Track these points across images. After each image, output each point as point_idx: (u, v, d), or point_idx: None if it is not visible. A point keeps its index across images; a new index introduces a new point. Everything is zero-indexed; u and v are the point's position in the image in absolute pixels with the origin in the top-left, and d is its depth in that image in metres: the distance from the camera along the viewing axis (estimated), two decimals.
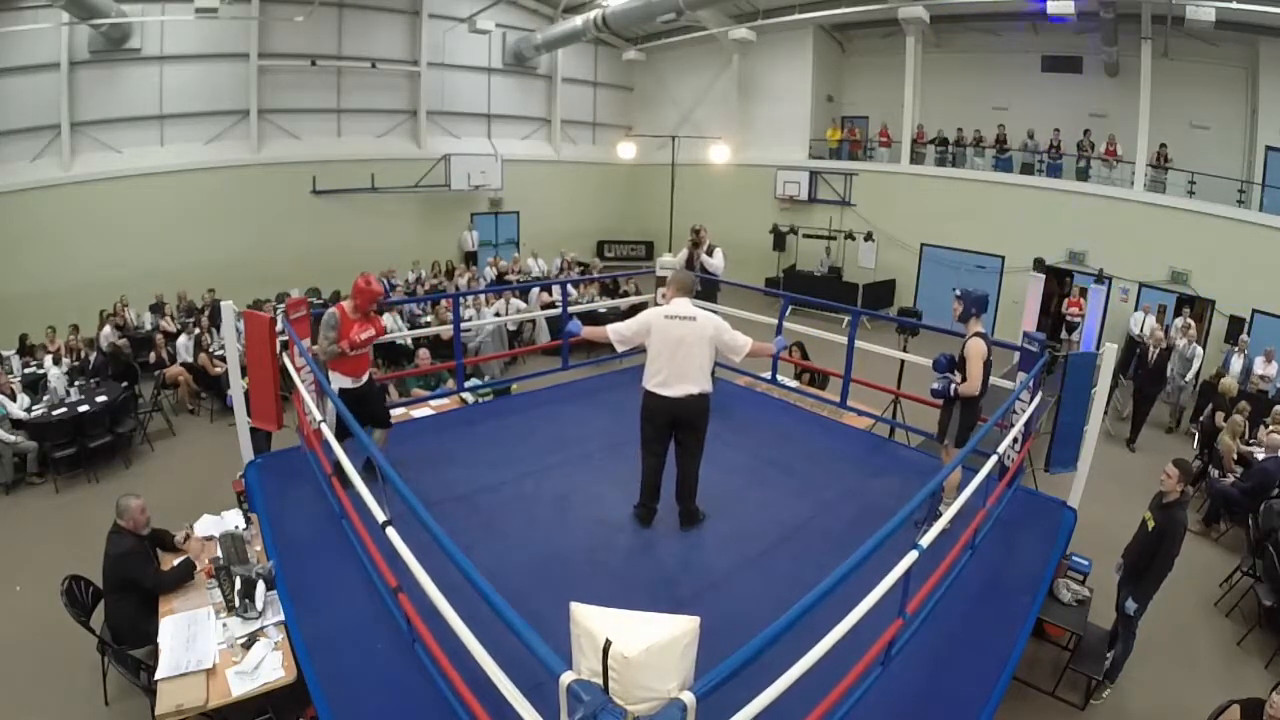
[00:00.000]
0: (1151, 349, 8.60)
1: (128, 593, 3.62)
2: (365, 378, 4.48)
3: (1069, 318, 11.75)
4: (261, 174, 12.37)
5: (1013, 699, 3.84)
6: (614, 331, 3.93)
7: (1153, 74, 10.87)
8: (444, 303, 10.00)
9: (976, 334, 4.12)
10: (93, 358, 8.64)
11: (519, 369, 9.73)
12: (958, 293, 4.29)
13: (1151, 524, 4.03)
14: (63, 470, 6.74)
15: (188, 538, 4.05)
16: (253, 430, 4.72)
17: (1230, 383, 8.07)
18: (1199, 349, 8.97)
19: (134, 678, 3.45)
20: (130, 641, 3.56)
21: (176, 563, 3.71)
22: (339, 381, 4.35)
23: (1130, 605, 4.03)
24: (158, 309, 10.67)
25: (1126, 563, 4.20)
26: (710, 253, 6.92)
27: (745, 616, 2.46)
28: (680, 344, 3.77)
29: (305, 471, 4.37)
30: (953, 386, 4.19)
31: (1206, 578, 5.51)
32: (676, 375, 3.79)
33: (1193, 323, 10.02)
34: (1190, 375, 8.85)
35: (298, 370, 4.50)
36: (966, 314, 4.21)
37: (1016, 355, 5.16)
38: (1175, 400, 8.93)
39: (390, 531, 2.74)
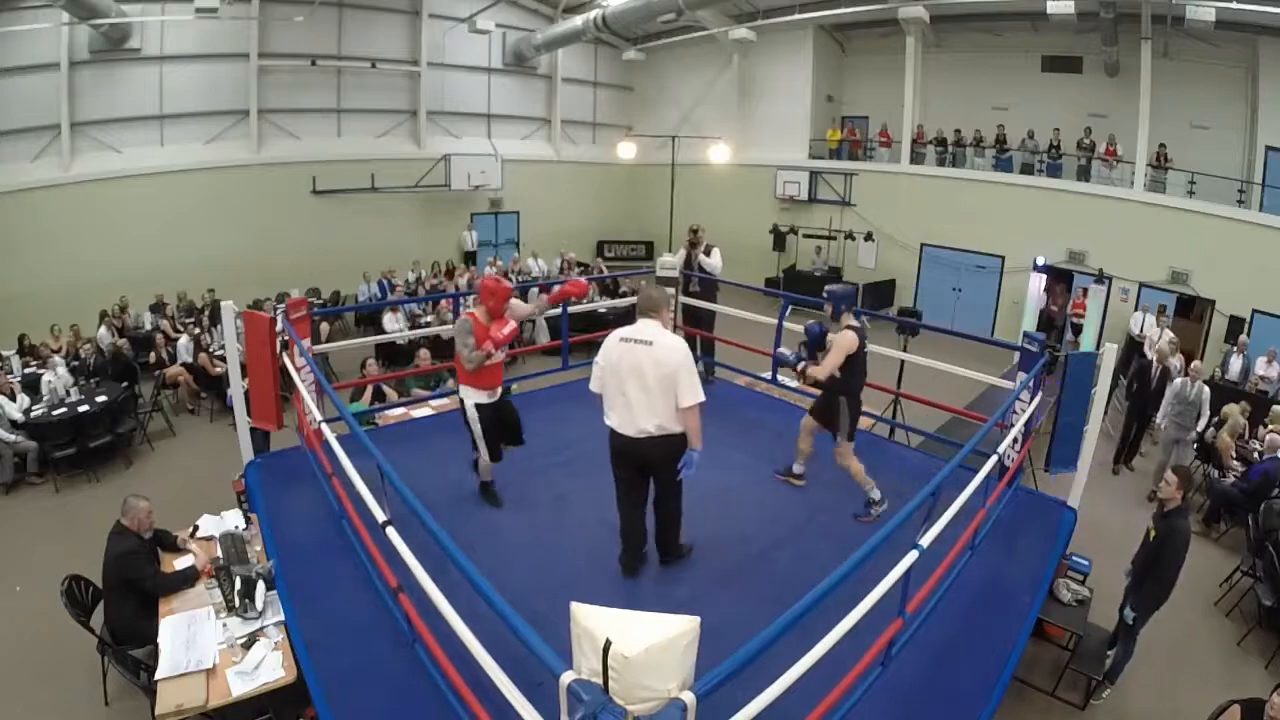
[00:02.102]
0: (1155, 365, 7.42)
1: (128, 592, 3.62)
2: (499, 390, 4.16)
3: (1073, 319, 11.76)
4: (261, 174, 12.37)
5: (1013, 699, 3.84)
6: (593, 381, 3.43)
7: (1153, 74, 10.86)
8: (444, 303, 9.99)
9: (848, 327, 4.15)
10: (91, 359, 8.63)
11: (519, 369, 9.72)
12: (825, 294, 4.31)
13: (1153, 534, 4.03)
14: (63, 470, 6.74)
15: (192, 536, 4.05)
16: (252, 430, 4.72)
17: (1228, 441, 6.88)
18: (1205, 389, 6.78)
19: (134, 678, 3.45)
20: (130, 641, 3.56)
21: (182, 567, 3.71)
22: (474, 396, 4.02)
23: (1129, 614, 4.05)
24: (158, 309, 10.68)
25: (1134, 573, 4.19)
26: (708, 252, 6.91)
27: (745, 616, 2.46)
28: (633, 372, 3.21)
29: (305, 471, 4.37)
30: (801, 364, 4.24)
31: (1206, 578, 5.50)
32: (630, 410, 3.25)
33: (1174, 338, 8.52)
34: (1196, 430, 6.78)
35: (298, 370, 4.50)
36: (836, 312, 4.23)
37: (1016, 355, 5.16)
38: (1167, 457, 6.80)
39: (390, 531, 2.74)
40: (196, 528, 4.12)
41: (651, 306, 3.36)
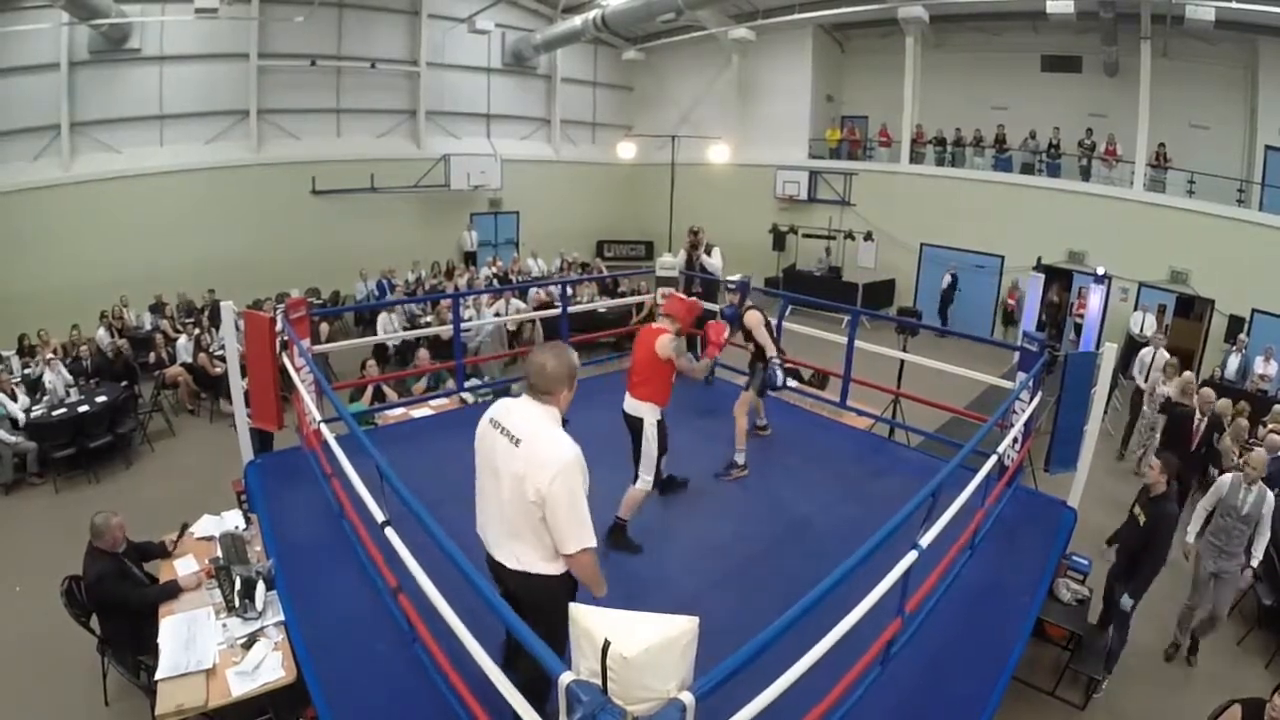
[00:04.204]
0: (1199, 416, 5.97)
1: (114, 611, 3.62)
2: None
3: (1076, 320, 11.78)
4: (261, 174, 12.37)
5: (1013, 699, 3.84)
6: None
7: (1152, 74, 10.87)
8: (444, 303, 10.00)
9: (750, 308, 4.90)
10: (88, 360, 8.62)
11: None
12: (731, 286, 5.21)
13: (1143, 519, 4.09)
14: (63, 470, 6.75)
15: (180, 537, 4.04)
16: (254, 430, 4.72)
17: (1230, 444, 6.13)
18: (1269, 495, 4.32)
19: (134, 678, 3.46)
20: (130, 650, 3.55)
21: (184, 571, 3.71)
22: (656, 414, 3.81)
23: (1126, 601, 4.08)
24: (158, 309, 10.68)
25: (1121, 559, 4.22)
26: (709, 252, 6.93)
27: (745, 616, 2.46)
28: (490, 473, 2.34)
29: (305, 471, 4.37)
30: (776, 371, 4.77)
31: None
32: (484, 518, 2.43)
33: (1173, 360, 7.56)
34: (1252, 561, 4.39)
35: (297, 370, 4.50)
36: (743, 300, 5.00)
37: (1016, 355, 5.16)
38: (1199, 600, 4.57)
39: (389, 532, 2.74)
40: (184, 528, 4.11)
41: (544, 383, 2.30)
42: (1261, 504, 4.35)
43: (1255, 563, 4.42)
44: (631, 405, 3.81)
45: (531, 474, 2.15)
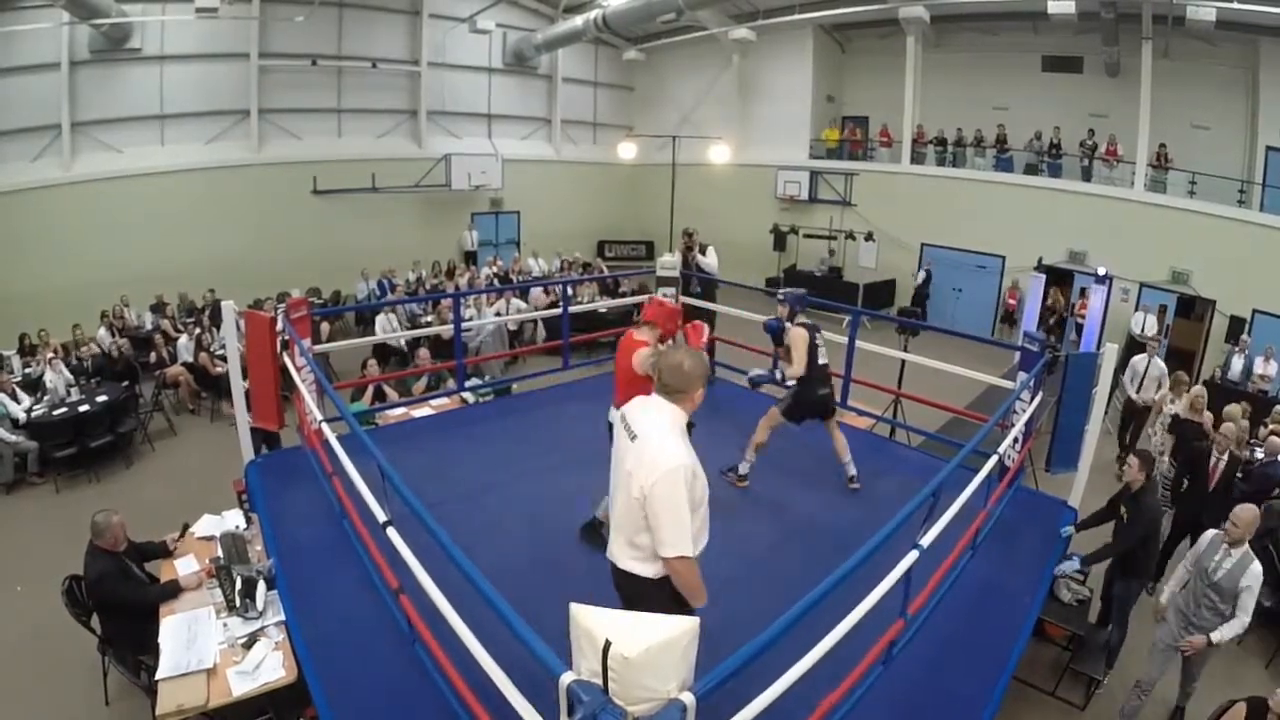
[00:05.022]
0: (1216, 455, 5.02)
1: (114, 610, 3.62)
2: None
3: (1078, 320, 11.78)
4: (262, 174, 12.38)
5: (1013, 699, 3.84)
6: None
7: (1153, 74, 10.87)
8: (444, 302, 10.00)
9: (800, 324, 4.55)
10: (89, 360, 8.63)
11: (519, 369, 9.72)
12: (780, 298, 4.72)
13: (1126, 515, 4.12)
14: (63, 470, 6.75)
15: (181, 536, 4.04)
16: (254, 430, 4.72)
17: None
18: (1254, 565, 3.50)
19: (134, 678, 3.46)
20: (131, 649, 3.55)
21: (184, 571, 3.71)
22: None
23: (1124, 598, 4.16)
24: (158, 309, 10.68)
25: (1114, 560, 4.23)
26: (703, 252, 6.95)
27: (745, 616, 2.46)
28: (617, 468, 2.38)
29: (305, 471, 4.37)
30: (778, 374, 4.59)
31: None
32: (612, 517, 2.43)
33: (1195, 392, 6.31)
34: (1222, 636, 3.56)
35: (298, 370, 4.50)
36: (793, 314, 4.63)
37: (1016, 355, 5.15)
38: (1158, 675, 3.83)
39: (391, 532, 2.74)
40: (186, 525, 4.11)
41: (679, 381, 2.29)
42: (1240, 575, 3.38)
43: (1217, 640, 3.49)
44: (613, 415, 3.79)
45: (639, 472, 2.18)
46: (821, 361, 4.55)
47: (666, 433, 2.23)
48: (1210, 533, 3.72)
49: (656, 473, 2.12)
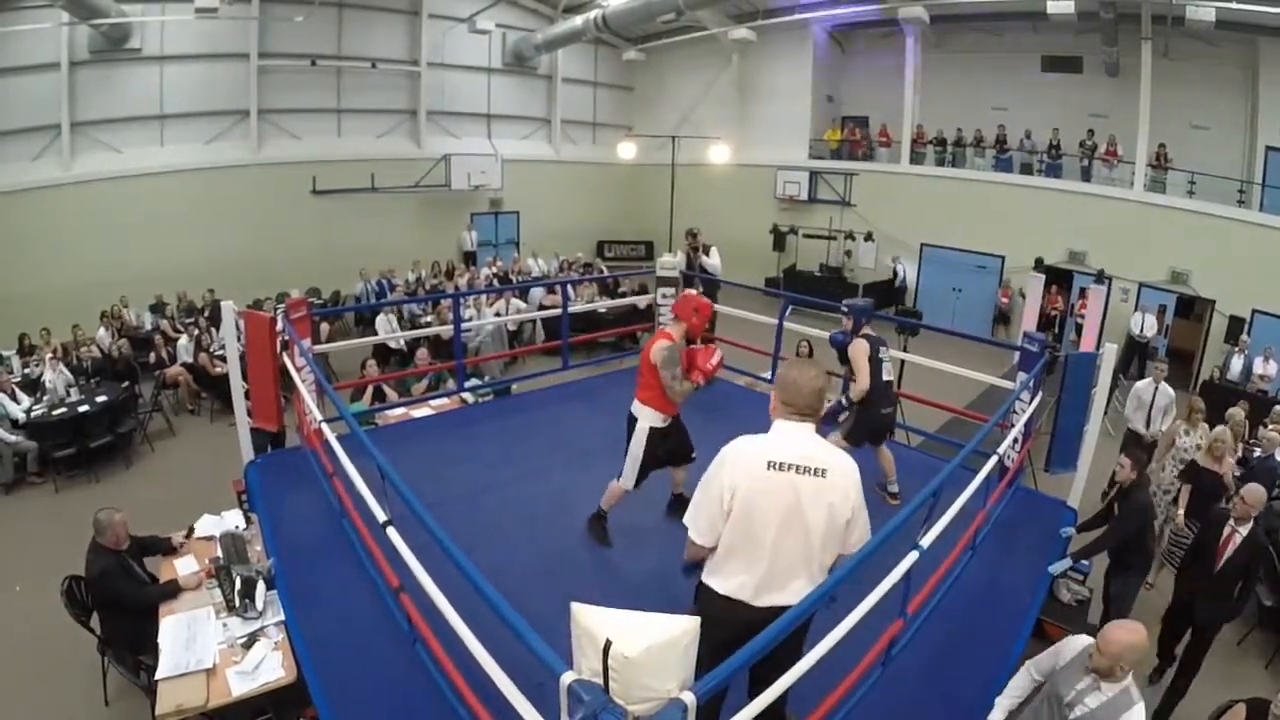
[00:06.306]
0: (1232, 527, 3.84)
1: (115, 608, 3.62)
2: (675, 412, 3.77)
3: (1078, 320, 11.78)
4: (261, 174, 12.37)
5: None
6: (692, 527, 2.24)
7: (1153, 74, 10.87)
8: (444, 303, 10.00)
9: (864, 335, 4.33)
10: (88, 361, 8.62)
11: (519, 369, 9.72)
12: (844, 310, 4.50)
13: (1117, 511, 4.14)
14: (63, 470, 6.74)
15: (188, 537, 4.04)
16: (253, 430, 4.71)
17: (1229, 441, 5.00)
18: (1135, 709, 2.35)
19: (134, 678, 3.45)
20: (130, 648, 3.55)
21: (184, 571, 3.71)
22: (651, 419, 3.65)
23: (1121, 596, 4.17)
24: (158, 309, 10.68)
25: (1110, 558, 4.24)
26: (706, 252, 6.95)
27: None
28: (790, 516, 2.09)
29: (305, 471, 4.37)
30: (843, 400, 4.41)
31: None
32: (770, 571, 2.11)
33: (1217, 433, 4.97)
34: None
35: (298, 370, 4.50)
36: (858, 325, 4.38)
37: (1016, 355, 5.15)
38: None
39: (391, 532, 2.74)
40: (192, 529, 4.11)
41: (817, 401, 2.15)
42: (1110, 716, 2.34)
43: None
44: (634, 406, 3.80)
45: (842, 500, 2.14)
46: (886, 378, 4.31)
47: (835, 449, 2.24)
48: (1079, 642, 2.60)
49: (853, 480, 2.17)
